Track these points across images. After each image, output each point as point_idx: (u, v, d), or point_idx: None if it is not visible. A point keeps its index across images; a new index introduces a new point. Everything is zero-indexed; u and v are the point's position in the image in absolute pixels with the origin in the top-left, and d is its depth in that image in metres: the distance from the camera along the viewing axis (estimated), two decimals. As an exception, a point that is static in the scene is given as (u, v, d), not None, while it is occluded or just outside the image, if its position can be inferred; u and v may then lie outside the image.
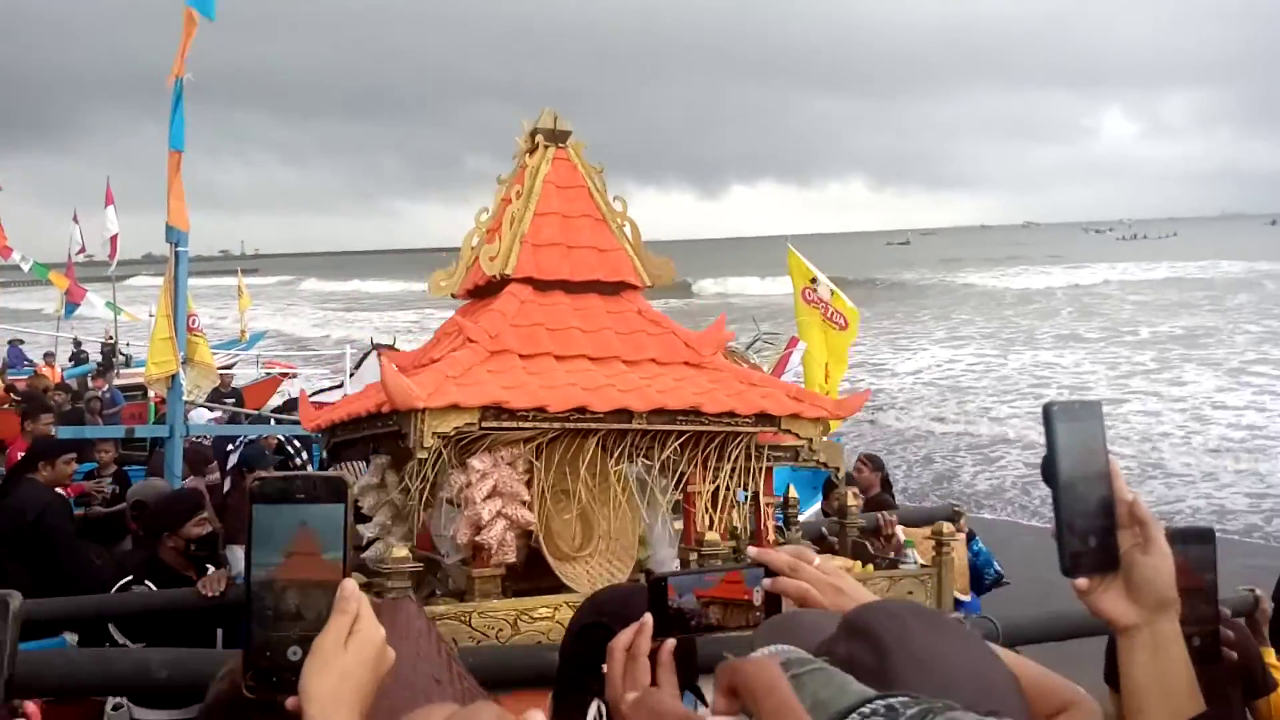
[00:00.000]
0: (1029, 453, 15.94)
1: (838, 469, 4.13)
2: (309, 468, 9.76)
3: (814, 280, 8.70)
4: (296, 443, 9.60)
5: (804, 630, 1.17)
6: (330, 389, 16.76)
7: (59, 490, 5.92)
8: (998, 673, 1.06)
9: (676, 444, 3.52)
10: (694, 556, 3.53)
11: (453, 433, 3.13)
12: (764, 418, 3.60)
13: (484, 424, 3.19)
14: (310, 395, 16.64)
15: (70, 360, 20.63)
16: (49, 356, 19.27)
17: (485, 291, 3.85)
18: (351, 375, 16.04)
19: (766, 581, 1.25)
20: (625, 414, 3.36)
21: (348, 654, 0.93)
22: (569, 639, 1.76)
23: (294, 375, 20.64)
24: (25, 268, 17.35)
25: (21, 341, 21.29)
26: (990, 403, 21.63)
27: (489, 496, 3.21)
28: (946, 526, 4.25)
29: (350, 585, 0.95)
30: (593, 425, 3.35)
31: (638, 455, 3.51)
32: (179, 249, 5.66)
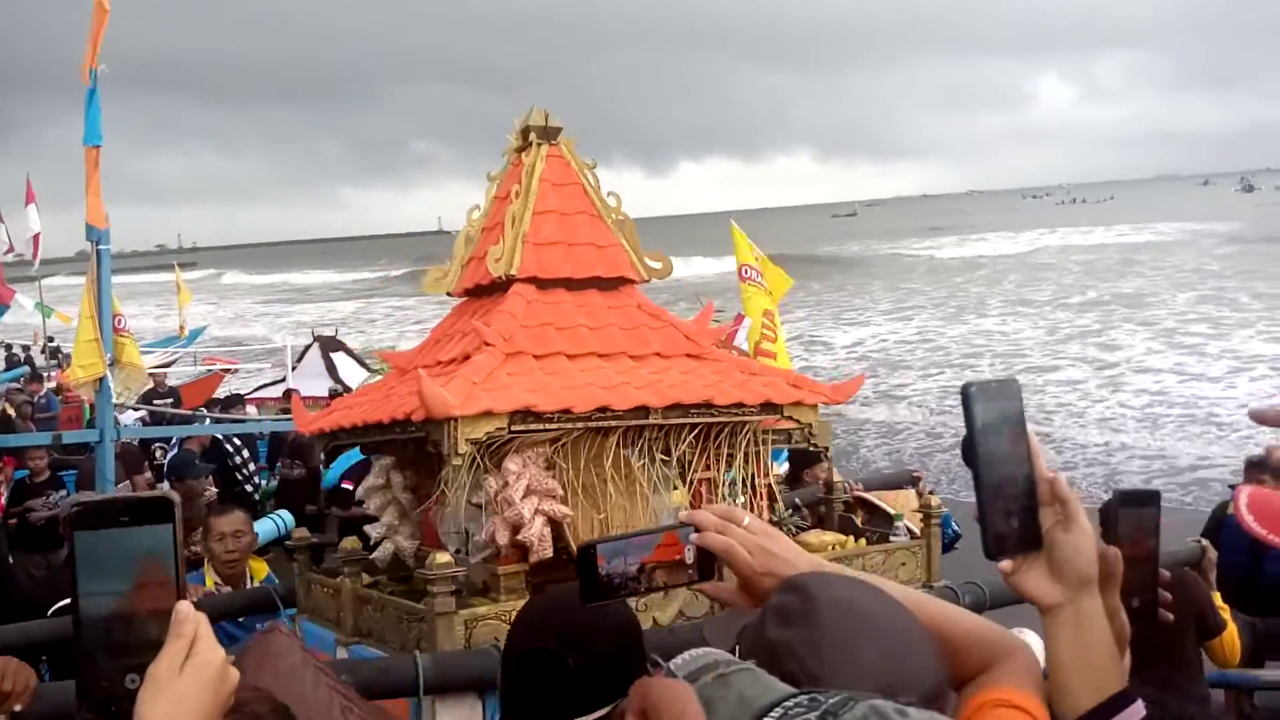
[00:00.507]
0: (940, 427, 16.35)
1: (827, 448, 4.22)
2: (250, 466, 9.60)
3: (756, 258, 8.81)
4: (236, 440, 9.43)
5: (745, 618, 1.22)
6: (273, 384, 16.50)
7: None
8: (912, 623, 1.19)
9: (691, 435, 3.65)
10: None
11: (484, 438, 3.22)
12: (769, 406, 3.74)
13: (512, 428, 3.27)
14: (251, 391, 16.42)
15: (3, 365, 20.04)
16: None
17: (484, 291, 3.89)
18: (294, 369, 15.80)
19: (694, 537, 1.26)
20: (643, 410, 3.48)
21: (183, 678, 0.91)
22: (513, 660, 1.72)
23: (234, 371, 20.25)
24: (-53, 271, 16.77)
25: (-51, 348, 20.66)
26: (911, 378, 21.95)
27: (525, 495, 3.31)
28: (934, 499, 4.36)
29: (184, 608, 0.92)
30: (613, 423, 3.47)
31: (655, 449, 3.62)
32: (100, 247, 5.47)
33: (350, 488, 8.19)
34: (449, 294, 3.97)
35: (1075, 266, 43.76)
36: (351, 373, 14.86)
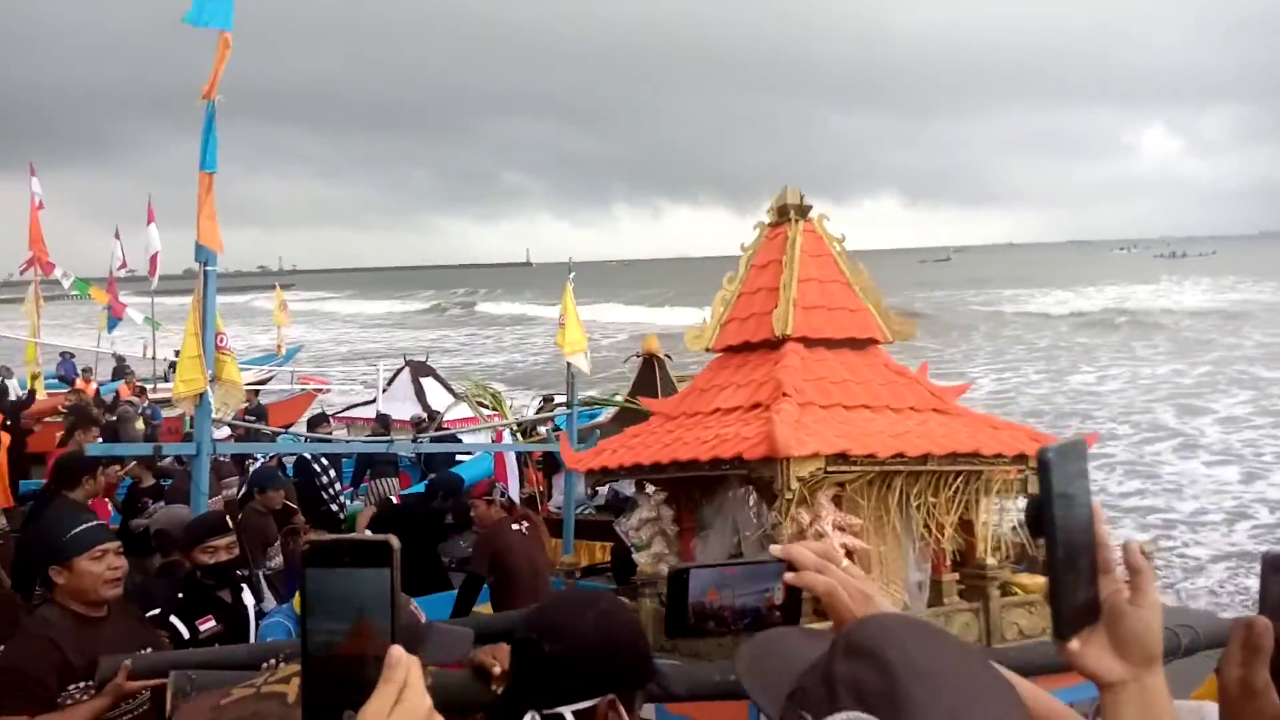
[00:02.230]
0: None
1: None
2: (335, 486, 9.83)
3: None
4: (324, 460, 9.67)
5: (784, 650, 1.12)
6: (363, 404, 16.90)
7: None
8: (1001, 685, 0.99)
9: (959, 481, 4.05)
10: (973, 579, 4.07)
11: (808, 476, 3.63)
12: (1020, 457, 4.09)
13: (828, 469, 3.68)
14: (341, 411, 16.84)
15: (112, 376, 20.99)
16: (87, 372, 19.59)
17: (747, 348, 4.38)
18: (384, 391, 16.17)
19: (789, 576, 1.20)
20: (924, 457, 3.91)
21: None
22: (511, 652, 1.79)
23: (326, 391, 20.82)
24: (66, 284, 17.68)
25: (72, 355, 21.69)
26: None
27: (835, 529, 3.70)
28: (1146, 541, 4.55)
29: (397, 652, 0.93)
30: (900, 468, 3.88)
31: (927, 493, 4.01)
32: (208, 268, 5.69)
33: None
34: (707, 349, 4.51)
35: (1183, 322, 42.10)
36: (439, 397, 15.15)
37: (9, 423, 11.79)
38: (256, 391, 16.89)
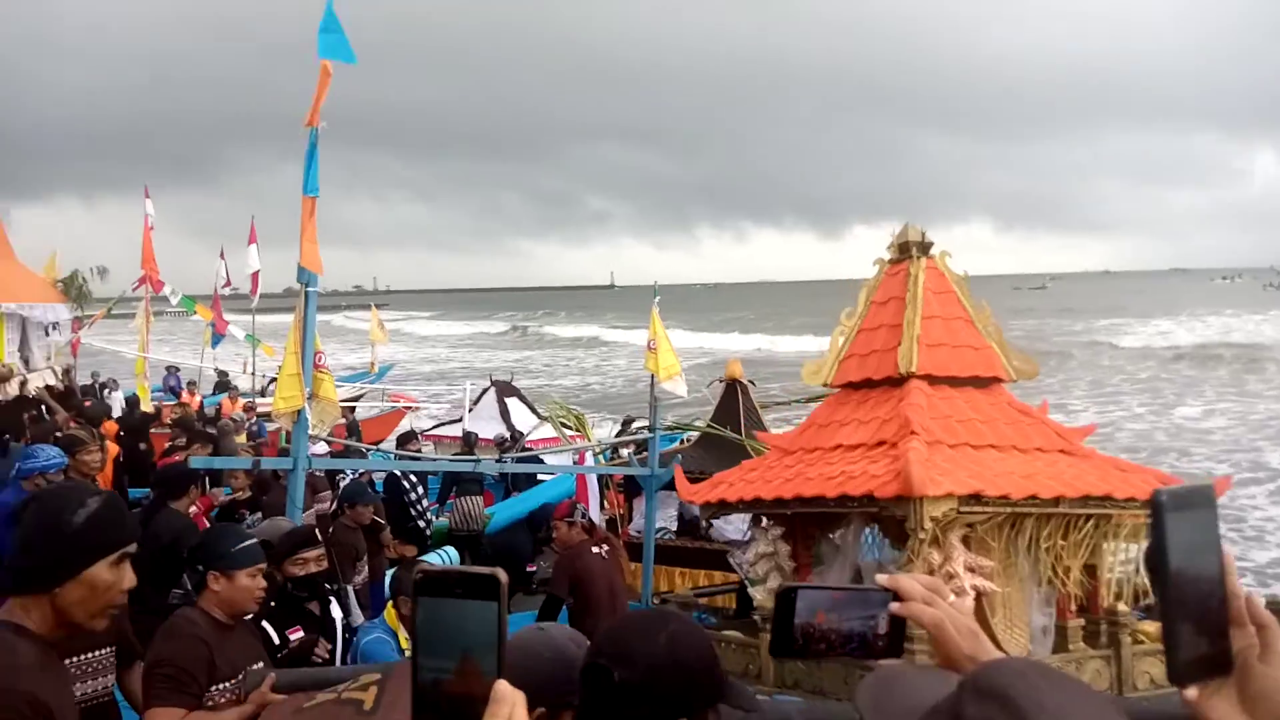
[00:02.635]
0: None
1: None
2: (423, 503, 10.03)
3: None
4: (413, 477, 9.89)
5: (906, 690, 1.12)
6: (449, 423, 17.24)
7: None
8: None
9: (1089, 525, 3.97)
10: (1104, 625, 4.03)
11: (941, 516, 3.63)
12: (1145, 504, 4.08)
13: (960, 509, 3.67)
14: (429, 429, 17.18)
15: (215, 390, 21.85)
16: (191, 385, 20.42)
17: (868, 385, 4.37)
18: (470, 410, 16.47)
19: (895, 606, 1.18)
20: (1057, 500, 3.85)
21: None
22: (580, 678, 1.76)
23: (416, 409, 21.28)
24: (174, 301, 18.51)
25: (178, 369, 22.67)
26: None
27: (966, 570, 3.70)
28: None
29: (503, 687, 0.95)
30: (1032, 510, 3.84)
31: (1057, 535, 3.94)
32: (309, 289, 5.91)
33: (532, 570, 8.46)
34: (825, 385, 4.50)
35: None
36: (523, 418, 15.36)
37: (121, 434, 12.38)
38: (352, 408, 17.37)
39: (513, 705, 0.95)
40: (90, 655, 3.71)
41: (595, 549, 6.70)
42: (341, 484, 8.53)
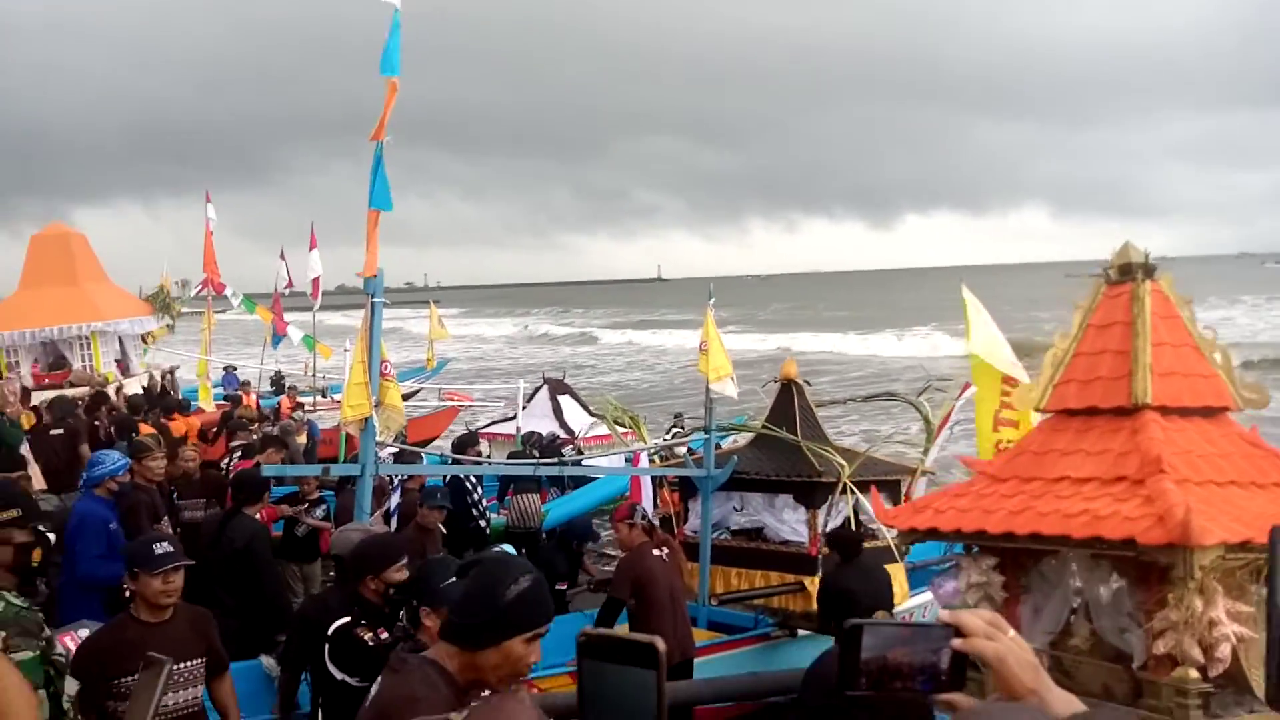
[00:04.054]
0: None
1: None
2: (483, 504, 10.19)
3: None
4: (474, 479, 10.05)
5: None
6: (503, 420, 17.43)
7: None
8: None
9: None
10: None
11: (1209, 564, 3.56)
12: None
13: (1227, 555, 3.60)
14: (484, 426, 17.38)
15: (273, 390, 22.29)
16: (246, 385, 20.86)
17: (1089, 412, 4.28)
18: (524, 409, 16.64)
19: (957, 642, 1.22)
20: None
21: None
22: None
23: (470, 406, 21.53)
24: (235, 302, 18.94)
25: (235, 368, 23.19)
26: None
27: (1229, 617, 3.66)
28: None
29: None
30: None
31: None
32: (374, 300, 6.05)
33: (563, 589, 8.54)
34: (1037, 410, 4.42)
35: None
36: (576, 416, 15.51)
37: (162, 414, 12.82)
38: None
39: None
40: (182, 666, 3.86)
41: (656, 551, 6.78)
42: (394, 483, 8.68)
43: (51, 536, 4.44)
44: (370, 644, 4.34)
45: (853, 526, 8.55)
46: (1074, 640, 4.13)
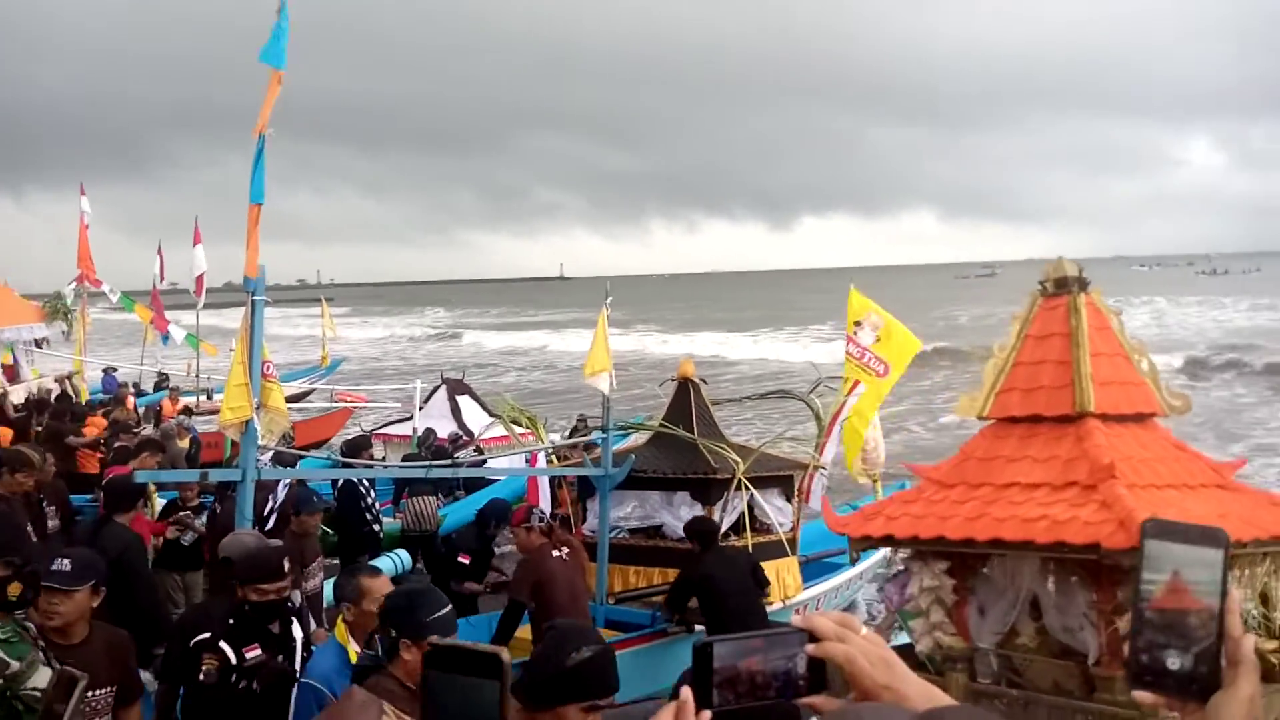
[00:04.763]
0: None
1: None
2: (376, 506, 9.95)
3: (858, 322, 8.67)
4: (367, 482, 9.81)
5: None
6: (399, 421, 17.05)
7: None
8: None
9: (1267, 562, 4.05)
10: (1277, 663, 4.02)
11: None
12: None
13: None
14: (378, 427, 17.00)
15: (155, 390, 21.35)
16: (124, 388, 19.96)
17: (1031, 420, 4.39)
18: (421, 409, 16.31)
19: (810, 646, 1.22)
20: (1251, 542, 3.93)
21: None
22: None
23: (363, 407, 21.03)
24: (114, 299, 18.10)
25: (115, 370, 22.11)
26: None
27: None
28: None
29: None
30: (1235, 553, 3.85)
31: (1240, 575, 4.01)
32: (255, 298, 5.83)
33: (465, 562, 8.47)
34: (979, 417, 4.54)
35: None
36: (475, 416, 15.27)
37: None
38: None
39: None
40: (92, 694, 3.65)
41: (556, 552, 6.73)
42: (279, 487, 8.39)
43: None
44: (233, 662, 4.15)
45: (747, 522, 8.69)
46: (1021, 639, 4.27)
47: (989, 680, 4.21)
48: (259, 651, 4.25)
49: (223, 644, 4.19)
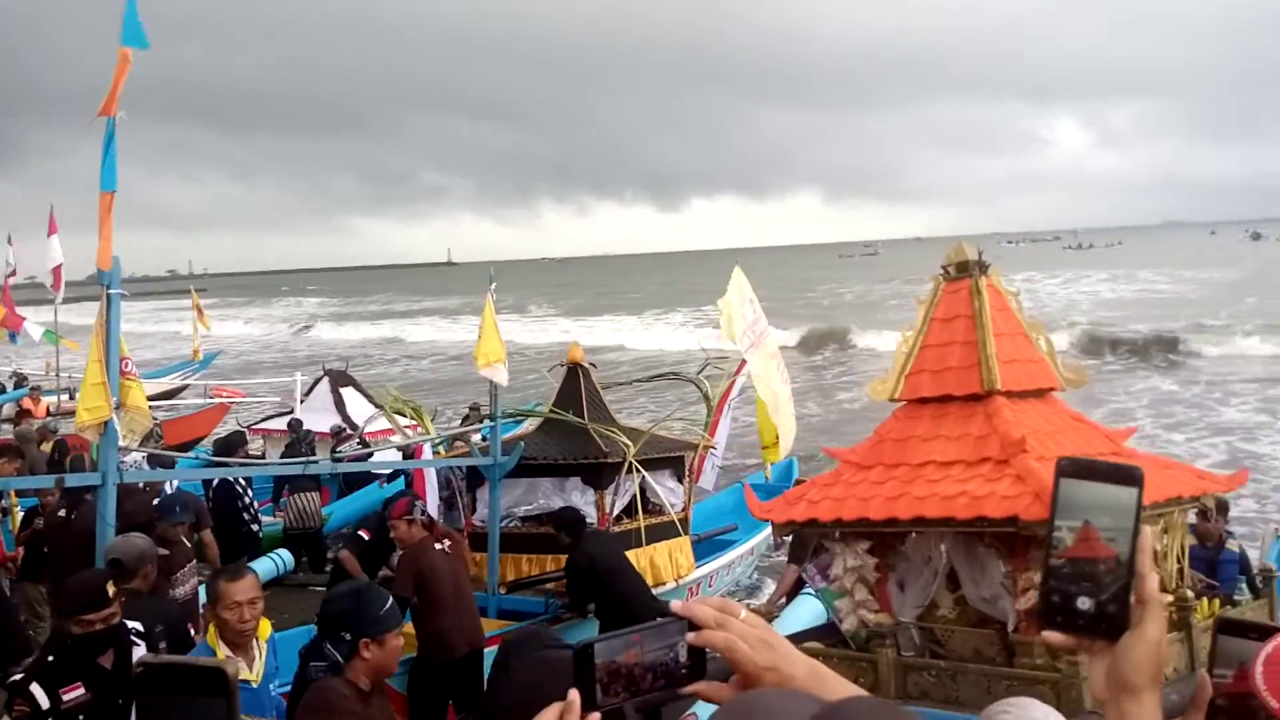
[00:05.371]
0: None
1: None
2: (254, 506, 9.58)
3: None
4: (243, 480, 9.42)
5: (766, 712, 1.12)
6: (278, 415, 16.45)
7: None
8: None
9: (1160, 524, 4.21)
10: (1174, 612, 4.18)
11: None
12: (1194, 499, 4.34)
13: None
14: (257, 422, 16.37)
15: (14, 387, 20.09)
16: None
17: (941, 400, 4.50)
18: (302, 402, 15.77)
19: (690, 635, 1.22)
20: (1152, 505, 4.09)
21: None
22: None
23: (240, 402, 20.24)
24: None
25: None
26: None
27: None
28: None
29: None
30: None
31: None
32: (110, 291, 5.47)
33: (365, 536, 8.19)
34: (891, 399, 4.63)
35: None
36: (359, 408, 14.84)
37: None
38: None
39: None
40: None
41: (438, 545, 6.58)
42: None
43: None
44: (45, 707, 3.72)
45: (639, 504, 8.71)
46: (941, 611, 4.42)
47: (912, 653, 4.33)
48: (81, 691, 3.79)
49: (34, 687, 3.74)
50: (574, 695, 1.16)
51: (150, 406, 6.45)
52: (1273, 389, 22.64)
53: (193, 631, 5.56)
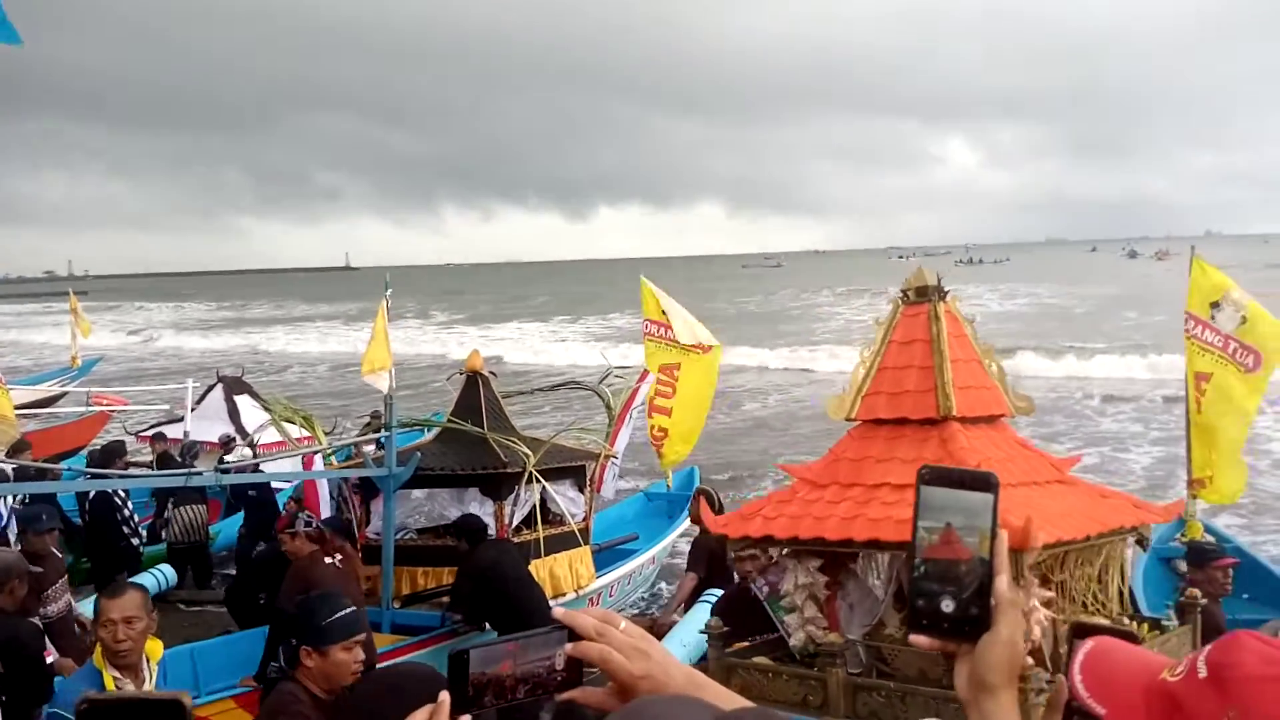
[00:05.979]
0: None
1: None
2: (135, 519, 9.16)
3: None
4: (122, 493, 8.99)
5: (655, 716, 1.13)
6: (167, 423, 15.78)
7: None
8: None
9: (1106, 549, 4.33)
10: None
11: (1033, 562, 3.68)
12: (1133, 529, 4.44)
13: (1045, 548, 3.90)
14: (144, 429, 15.67)
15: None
16: None
17: (897, 422, 4.51)
18: (193, 410, 15.15)
19: (568, 646, 1.23)
20: (1095, 536, 4.18)
21: None
22: None
23: (122, 411, 19.37)
24: None
25: None
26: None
27: (1043, 605, 3.97)
28: None
29: None
30: (1080, 546, 4.15)
31: (1083, 565, 4.28)
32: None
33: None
34: (848, 419, 4.65)
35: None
36: (254, 417, 14.34)
37: None
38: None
39: None
40: None
41: (328, 559, 6.40)
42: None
43: None
44: None
45: (538, 514, 8.63)
46: (888, 630, 4.47)
47: (859, 670, 4.38)
48: None
49: None
50: (444, 696, 1.17)
51: (23, 416, 6.11)
52: (1146, 401, 23.85)
53: (55, 655, 5.27)
